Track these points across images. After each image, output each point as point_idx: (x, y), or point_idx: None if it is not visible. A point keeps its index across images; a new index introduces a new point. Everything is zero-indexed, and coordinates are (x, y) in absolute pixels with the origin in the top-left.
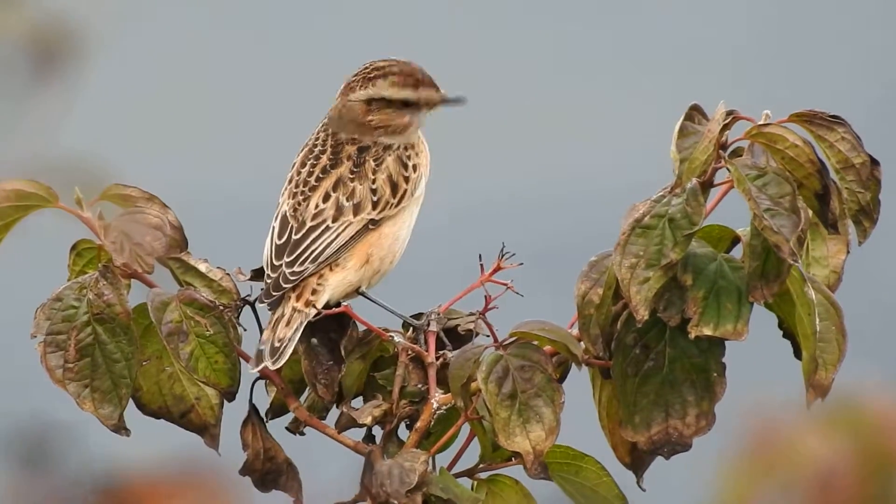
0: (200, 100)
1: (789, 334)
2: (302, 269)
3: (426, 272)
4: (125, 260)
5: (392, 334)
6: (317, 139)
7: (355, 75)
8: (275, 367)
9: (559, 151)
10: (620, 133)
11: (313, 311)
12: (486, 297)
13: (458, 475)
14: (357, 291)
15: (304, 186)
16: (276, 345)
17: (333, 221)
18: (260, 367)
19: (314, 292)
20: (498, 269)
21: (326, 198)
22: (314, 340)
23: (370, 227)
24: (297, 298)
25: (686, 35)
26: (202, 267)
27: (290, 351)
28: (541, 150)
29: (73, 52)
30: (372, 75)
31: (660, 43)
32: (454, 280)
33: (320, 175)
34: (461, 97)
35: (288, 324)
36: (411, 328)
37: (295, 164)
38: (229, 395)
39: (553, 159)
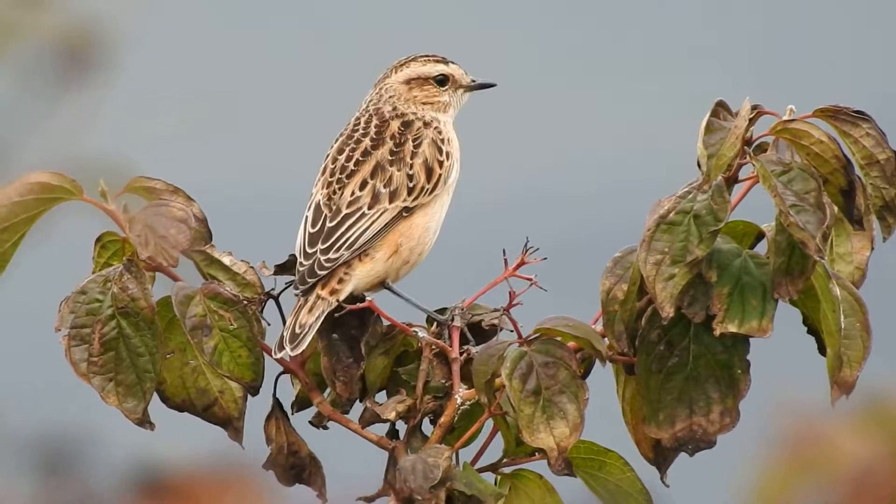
0: (227, 96)
1: (814, 331)
2: (337, 255)
3: (450, 267)
4: (150, 253)
5: (416, 329)
6: (357, 124)
7: (384, 72)
8: (294, 354)
9: (583, 146)
10: (643, 128)
11: (336, 300)
12: (510, 292)
13: (481, 470)
14: (382, 284)
15: (340, 174)
16: (297, 331)
17: (369, 209)
18: (280, 355)
19: (340, 281)
20: (522, 264)
21: (363, 185)
22: (335, 336)
23: (403, 214)
24: (323, 286)
25: (698, 31)
26: (226, 260)
27: (310, 338)
28: (564, 145)
29: (100, 53)
30: (403, 62)
31: (675, 39)
32: (478, 275)
33: (360, 158)
34: (490, 82)
35: (310, 311)
36: (435, 323)
37: (329, 153)
38: (253, 388)
39: (576, 154)
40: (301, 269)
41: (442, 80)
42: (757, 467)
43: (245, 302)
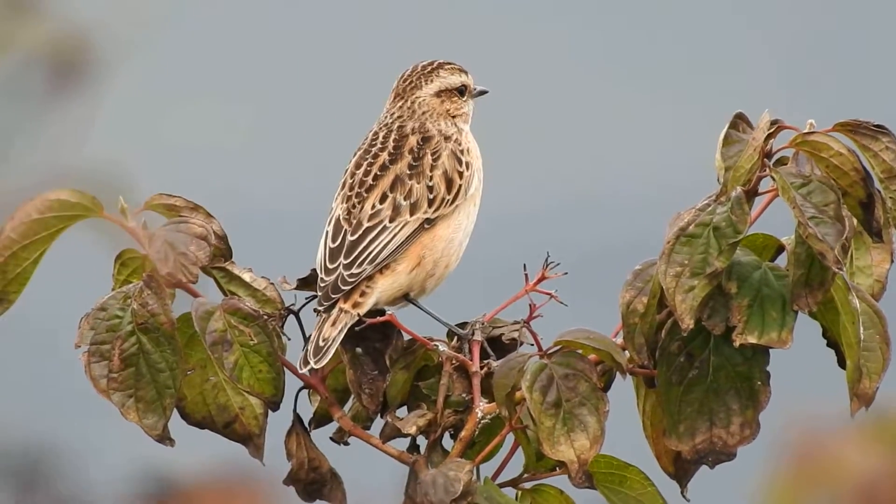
0: (245, 108)
1: (833, 343)
2: (360, 270)
3: (470, 281)
4: (169, 270)
5: (436, 343)
6: (374, 138)
7: (406, 79)
8: (318, 366)
9: (601, 158)
10: (663, 140)
11: (359, 313)
12: (530, 305)
13: (502, 485)
14: (406, 297)
15: (360, 188)
16: (321, 344)
17: (391, 221)
18: (305, 369)
19: (363, 294)
20: (542, 278)
21: (383, 198)
22: (359, 350)
23: (425, 226)
24: (345, 300)
25: (725, 43)
26: (246, 276)
27: (333, 351)
28: (583, 158)
29: (93, 62)
30: (429, 70)
31: (698, 50)
32: (498, 289)
33: (378, 173)
34: (484, 88)
35: (333, 324)
36: (455, 337)
37: (348, 168)
38: (273, 404)
39: (596, 166)
40: (323, 284)
41: (462, 91)
42: (766, 480)
43: (265, 317)
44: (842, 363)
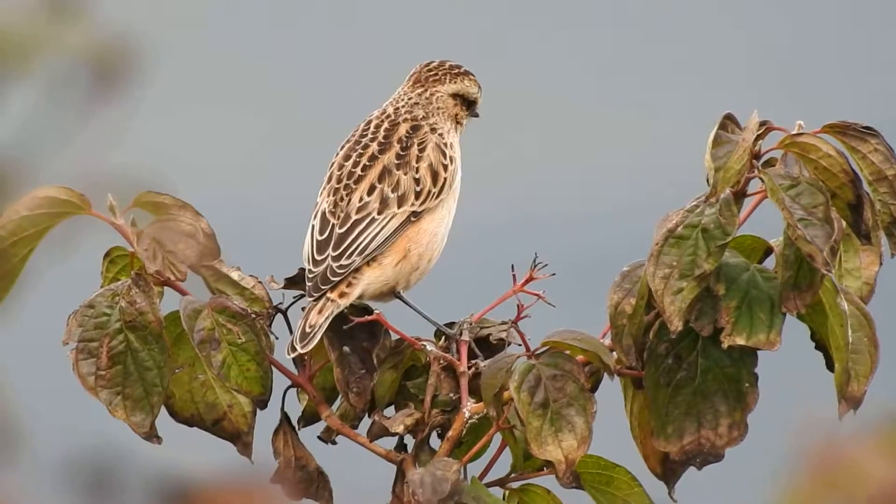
0: (235, 113)
1: (821, 345)
2: (349, 261)
3: (459, 281)
4: (158, 267)
5: (424, 343)
6: (366, 128)
7: (432, 70)
8: (304, 351)
9: (591, 162)
10: (653, 144)
11: (345, 303)
12: (518, 306)
13: (489, 484)
14: (393, 293)
15: (348, 180)
16: (308, 330)
17: (379, 214)
18: (292, 355)
19: (349, 285)
20: (530, 279)
21: (371, 190)
22: (346, 349)
23: (411, 219)
24: (332, 290)
25: (715, 49)
26: (234, 275)
27: (319, 336)
28: (573, 161)
29: (131, 67)
30: (455, 72)
31: (692, 55)
32: (487, 289)
33: (367, 163)
34: (478, 113)
35: (320, 312)
36: (443, 337)
37: (334, 162)
38: (261, 402)
39: (586, 169)
40: (312, 275)
41: (472, 104)
42: (780, 487)
43: (253, 316)
44: (830, 366)
